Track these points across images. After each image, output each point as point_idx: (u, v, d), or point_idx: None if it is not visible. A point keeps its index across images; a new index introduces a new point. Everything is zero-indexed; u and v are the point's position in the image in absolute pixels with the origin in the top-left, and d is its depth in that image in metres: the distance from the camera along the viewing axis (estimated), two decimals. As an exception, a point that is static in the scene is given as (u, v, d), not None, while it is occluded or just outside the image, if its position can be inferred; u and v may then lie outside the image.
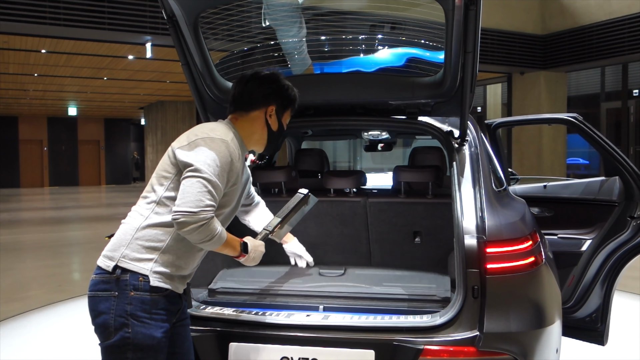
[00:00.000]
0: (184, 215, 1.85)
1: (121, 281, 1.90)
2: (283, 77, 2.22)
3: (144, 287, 1.91)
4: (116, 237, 2.00)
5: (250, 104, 2.15)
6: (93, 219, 13.06)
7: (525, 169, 13.50)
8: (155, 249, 1.95)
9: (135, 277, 1.91)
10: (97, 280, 1.95)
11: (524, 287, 2.18)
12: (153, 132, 22.30)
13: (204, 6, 2.52)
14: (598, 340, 3.24)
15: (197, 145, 1.96)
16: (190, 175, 1.90)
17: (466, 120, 2.55)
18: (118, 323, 1.88)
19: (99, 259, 2.00)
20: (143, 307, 1.90)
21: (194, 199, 1.86)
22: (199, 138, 1.98)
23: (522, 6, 13.40)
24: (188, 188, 1.88)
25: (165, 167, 2.03)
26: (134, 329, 1.88)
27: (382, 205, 3.27)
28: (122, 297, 1.89)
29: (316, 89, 2.81)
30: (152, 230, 1.96)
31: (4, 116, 25.36)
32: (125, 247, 1.95)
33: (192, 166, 1.91)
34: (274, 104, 2.17)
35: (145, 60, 12.29)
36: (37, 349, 4.15)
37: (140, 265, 1.93)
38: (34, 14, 8.41)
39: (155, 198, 2.00)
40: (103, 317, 1.90)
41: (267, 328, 2.24)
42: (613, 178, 3.33)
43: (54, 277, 6.62)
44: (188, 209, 1.85)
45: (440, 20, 2.33)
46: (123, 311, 1.89)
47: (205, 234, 1.89)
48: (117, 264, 1.93)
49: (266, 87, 2.16)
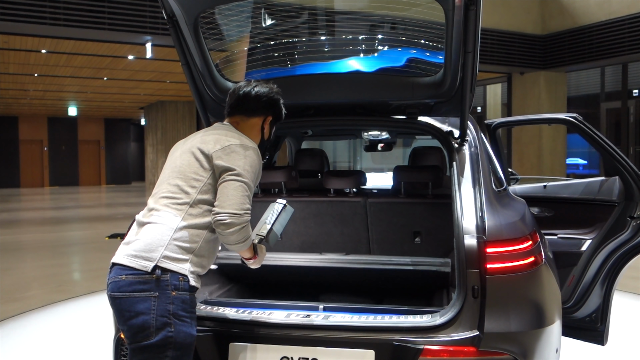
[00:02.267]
0: (230, 217, 1.95)
1: (162, 281, 1.94)
2: (279, 91, 2.35)
3: (184, 286, 1.97)
4: (150, 237, 2.01)
5: (253, 111, 2.27)
6: (93, 219, 13.06)
7: (525, 169, 13.50)
8: (190, 250, 2.01)
9: (176, 277, 1.96)
10: (131, 280, 1.95)
11: (524, 287, 2.18)
12: (153, 132, 22.30)
13: (204, 6, 2.52)
14: (598, 340, 3.24)
15: (233, 151, 2.06)
16: (232, 179, 2.00)
17: (466, 120, 2.55)
18: (160, 323, 1.92)
19: (126, 259, 1.99)
20: (184, 306, 1.97)
21: (238, 201, 1.97)
22: (233, 144, 2.08)
23: (522, 6, 13.40)
24: (232, 191, 1.98)
25: (195, 170, 2.08)
26: (176, 328, 1.94)
27: (382, 205, 3.27)
28: (163, 297, 1.93)
29: (316, 89, 2.81)
30: (188, 231, 2.01)
31: (4, 116, 25.36)
32: (164, 248, 1.98)
33: (234, 170, 2.02)
34: (272, 115, 2.31)
35: (145, 60, 12.29)
36: (37, 349, 4.15)
37: (180, 266, 1.98)
38: (34, 14, 8.41)
39: (188, 200, 2.05)
40: (142, 317, 1.92)
41: (267, 328, 2.24)
42: (613, 178, 3.33)
43: (54, 277, 6.62)
44: (234, 211, 1.96)
45: (440, 20, 2.33)
46: (165, 311, 1.93)
47: (243, 235, 2.01)
48: (157, 264, 1.95)
49: (270, 98, 2.28)
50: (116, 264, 2.02)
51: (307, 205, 3.40)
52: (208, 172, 2.07)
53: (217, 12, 2.69)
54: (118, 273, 1.98)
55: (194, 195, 2.05)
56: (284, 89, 2.64)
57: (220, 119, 2.36)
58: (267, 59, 3.15)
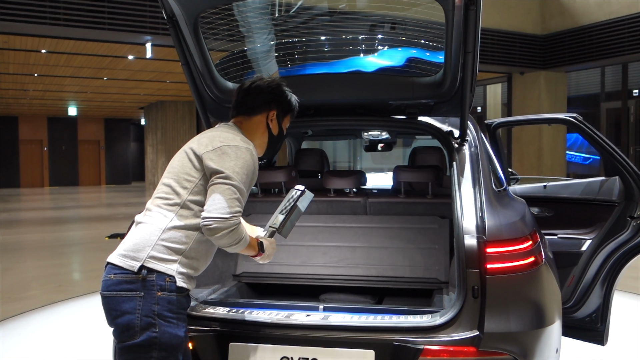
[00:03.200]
0: (215, 221, 1.92)
1: (147, 281, 1.93)
2: (284, 83, 2.29)
3: (170, 287, 1.95)
4: (138, 237, 2.01)
5: (253, 109, 2.23)
6: (93, 219, 13.06)
7: (525, 169, 13.50)
8: (178, 251, 2.00)
9: (162, 277, 1.95)
10: (118, 280, 1.95)
11: (524, 287, 2.18)
12: (153, 132, 22.30)
13: (204, 6, 2.52)
14: (598, 340, 3.24)
15: (224, 153, 2.03)
16: (220, 182, 1.97)
17: (466, 120, 2.55)
18: (144, 323, 1.91)
19: (116, 259, 1.99)
20: (169, 307, 1.95)
21: (224, 205, 1.93)
22: (225, 145, 2.05)
23: (522, 6, 13.40)
24: (218, 195, 1.95)
25: (187, 171, 2.07)
26: (161, 328, 1.92)
27: (382, 205, 3.27)
28: (148, 298, 1.92)
29: (316, 89, 2.81)
30: (176, 232, 2.00)
31: (4, 116, 25.36)
32: (151, 248, 1.97)
33: (222, 173, 1.98)
34: (275, 109, 2.25)
35: (145, 60, 12.29)
36: (37, 349, 4.15)
37: (167, 266, 1.97)
38: (34, 14, 8.41)
39: (178, 201, 2.03)
40: (127, 317, 1.92)
41: (267, 328, 2.24)
42: (613, 178, 3.33)
43: (54, 277, 6.62)
44: (219, 215, 1.92)
45: (440, 20, 2.33)
46: (150, 311, 1.92)
47: (234, 237, 1.97)
48: (143, 264, 1.94)
49: (268, 93, 2.24)
50: (109, 263, 2.03)
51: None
52: (200, 173, 2.04)
53: (218, 12, 2.69)
54: (109, 272, 1.99)
55: (185, 196, 2.03)
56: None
57: (220, 119, 2.36)
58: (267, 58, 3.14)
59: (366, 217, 3.28)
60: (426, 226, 3.11)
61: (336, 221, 3.24)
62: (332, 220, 3.25)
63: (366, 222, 3.22)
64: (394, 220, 3.18)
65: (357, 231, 3.14)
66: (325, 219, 3.29)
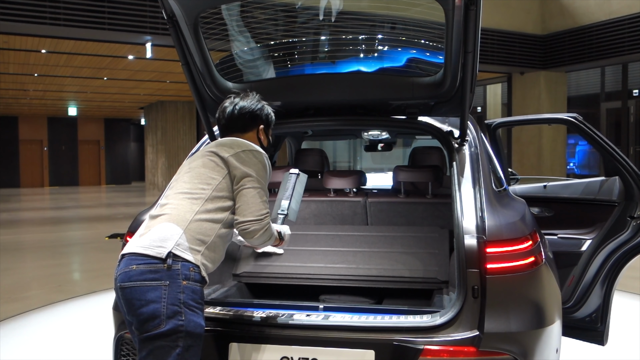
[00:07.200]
0: (252, 224, 2.11)
1: (172, 270, 1.97)
2: (263, 100, 2.45)
3: (194, 277, 2.01)
4: (165, 227, 2.05)
5: (245, 128, 2.39)
6: (93, 219, 13.06)
7: (525, 169, 13.50)
8: (203, 242, 2.07)
9: (187, 267, 1.99)
10: (141, 270, 1.97)
11: (524, 287, 2.18)
12: (153, 132, 22.30)
13: (204, 6, 2.52)
14: (598, 340, 3.24)
15: (248, 157, 2.20)
16: (250, 186, 2.15)
17: (466, 120, 2.55)
18: (171, 311, 1.93)
19: (142, 249, 2.01)
20: (194, 296, 1.99)
21: (257, 208, 2.13)
22: (248, 150, 2.22)
23: (522, 6, 13.40)
24: (251, 199, 2.13)
25: (210, 169, 2.20)
26: (187, 317, 1.95)
27: (382, 205, 3.28)
28: (173, 286, 1.95)
29: (316, 89, 2.81)
30: (202, 224, 2.09)
31: (4, 116, 25.36)
32: (179, 237, 2.02)
33: (251, 177, 2.16)
34: (262, 124, 2.43)
35: (145, 60, 12.29)
36: (37, 349, 4.15)
37: (193, 256, 2.03)
38: (34, 14, 8.41)
39: (204, 195, 2.14)
40: (153, 305, 1.93)
41: (267, 328, 2.24)
42: (613, 178, 3.33)
43: (54, 277, 6.62)
44: (254, 218, 2.12)
45: (440, 20, 2.33)
46: (176, 299, 1.94)
47: (268, 235, 2.18)
48: (172, 250, 1.98)
49: (252, 112, 2.39)
50: (126, 254, 2.04)
51: (307, 205, 3.40)
52: (223, 172, 2.17)
53: (218, 12, 2.69)
54: (128, 263, 2.00)
55: (210, 192, 2.14)
56: (284, 89, 2.65)
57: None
58: (267, 59, 3.14)
59: (367, 227, 3.30)
60: (426, 235, 3.12)
61: (338, 230, 3.24)
62: (334, 229, 3.26)
63: (367, 231, 3.22)
64: (394, 230, 3.20)
65: (359, 238, 3.15)
66: (327, 228, 3.30)
